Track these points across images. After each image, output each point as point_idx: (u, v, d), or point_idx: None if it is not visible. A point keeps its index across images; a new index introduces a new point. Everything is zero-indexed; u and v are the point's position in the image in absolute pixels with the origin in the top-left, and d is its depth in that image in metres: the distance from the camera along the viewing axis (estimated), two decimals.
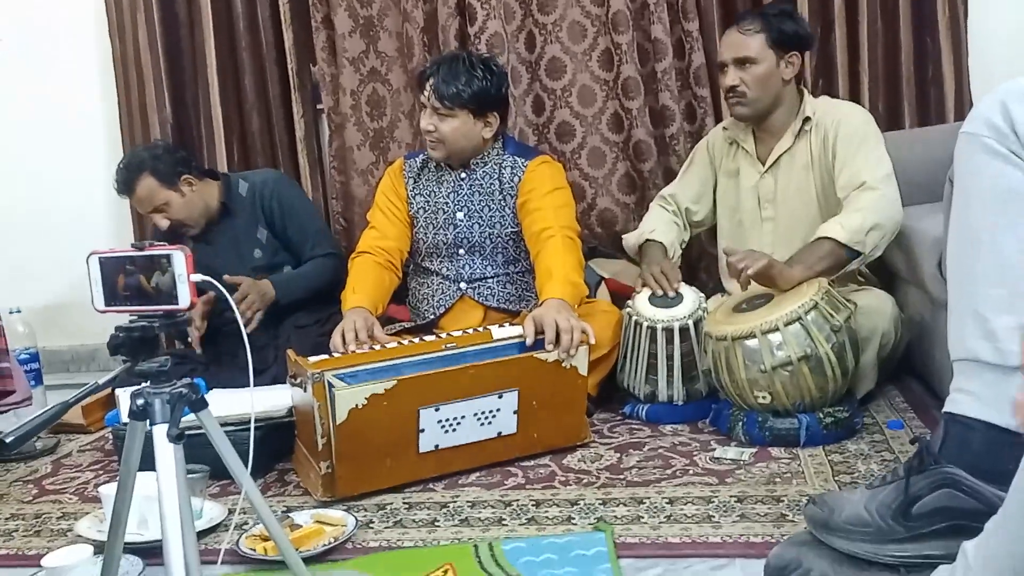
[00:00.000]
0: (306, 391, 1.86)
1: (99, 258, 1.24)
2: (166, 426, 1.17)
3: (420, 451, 1.92)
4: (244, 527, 1.75)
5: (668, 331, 2.18)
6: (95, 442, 2.50)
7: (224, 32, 3.11)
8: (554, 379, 2.00)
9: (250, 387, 1.32)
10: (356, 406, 1.83)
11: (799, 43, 2.31)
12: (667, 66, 2.79)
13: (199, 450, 1.44)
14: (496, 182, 2.39)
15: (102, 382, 1.23)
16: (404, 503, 1.85)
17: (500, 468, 1.99)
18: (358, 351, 2.05)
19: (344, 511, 1.78)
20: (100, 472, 2.24)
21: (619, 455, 2.02)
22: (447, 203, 2.41)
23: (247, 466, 1.28)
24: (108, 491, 1.76)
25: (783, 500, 1.69)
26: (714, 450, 2.00)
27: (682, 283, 2.30)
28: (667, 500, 1.75)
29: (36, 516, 1.97)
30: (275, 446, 2.08)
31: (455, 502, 1.83)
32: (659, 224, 2.47)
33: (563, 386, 2.02)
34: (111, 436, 2.33)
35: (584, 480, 1.89)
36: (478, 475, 1.97)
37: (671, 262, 2.36)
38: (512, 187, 2.38)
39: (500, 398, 1.96)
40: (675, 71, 2.82)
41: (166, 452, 1.16)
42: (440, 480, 1.95)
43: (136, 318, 1.23)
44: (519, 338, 2.05)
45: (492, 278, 2.43)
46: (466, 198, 2.41)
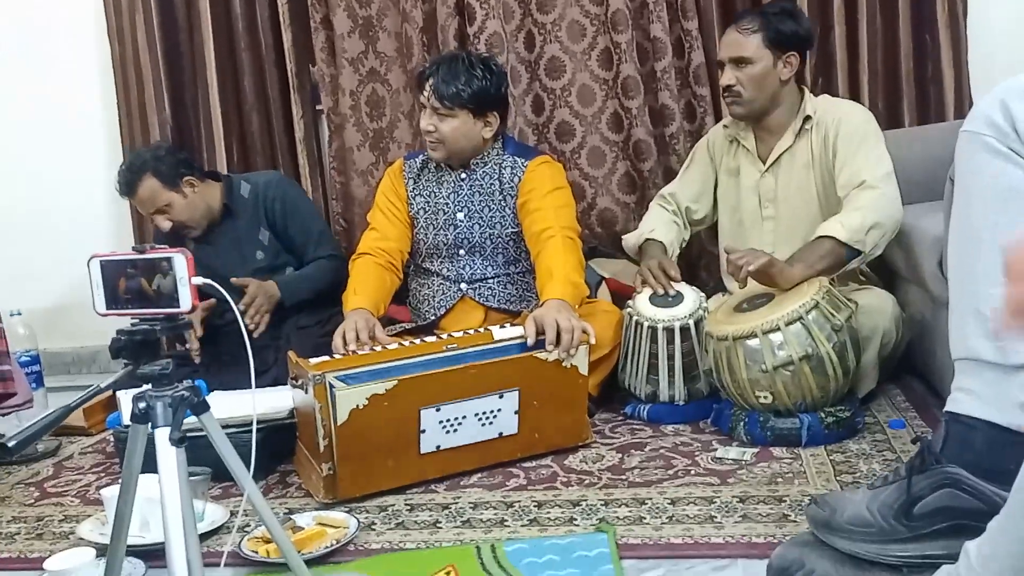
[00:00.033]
0: (307, 393, 1.86)
1: (100, 261, 1.24)
2: (168, 429, 1.17)
3: (421, 452, 1.92)
4: (246, 529, 1.75)
5: (669, 331, 2.18)
6: (96, 444, 2.50)
7: (223, 33, 3.11)
8: (555, 379, 2.00)
9: (252, 389, 1.32)
10: (357, 407, 1.83)
11: (798, 43, 2.30)
12: (666, 65, 2.79)
13: (200, 452, 1.43)
14: (496, 182, 2.39)
15: (104, 385, 1.23)
16: (406, 504, 1.85)
17: (502, 469, 1.99)
18: (359, 352, 2.05)
19: (346, 513, 1.78)
20: (102, 474, 2.24)
21: (621, 455, 2.02)
22: (447, 203, 2.41)
23: (249, 468, 1.28)
24: (110, 493, 1.76)
25: (785, 500, 1.69)
26: (716, 450, 2.00)
27: (683, 283, 2.30)
28: (669, 500, 1.75)
29: (38, 519, 1.97)
30: (276, 448, 2.08)
31: (457, 503, 1.83)
32: (659, 224, 2.47)
33: (564, 386, 2.02)
34: (112, 438, 2.33)
35: (586, 481, 1.89)
36: (480, 476, 1.97)
37: (669, 259, 2.36)
38: (512, 187, 2.38)
39: (501, 398, 1.96)
40: (675, 70, 2.82)
41: (168, 455, 1.16)
42: (442, 481, 1.95)
43: (138, 321, 1.23)
44: (520, 339, 2.05)
45: (493, 278, 2.43)
46: (466, 198, 2.40)
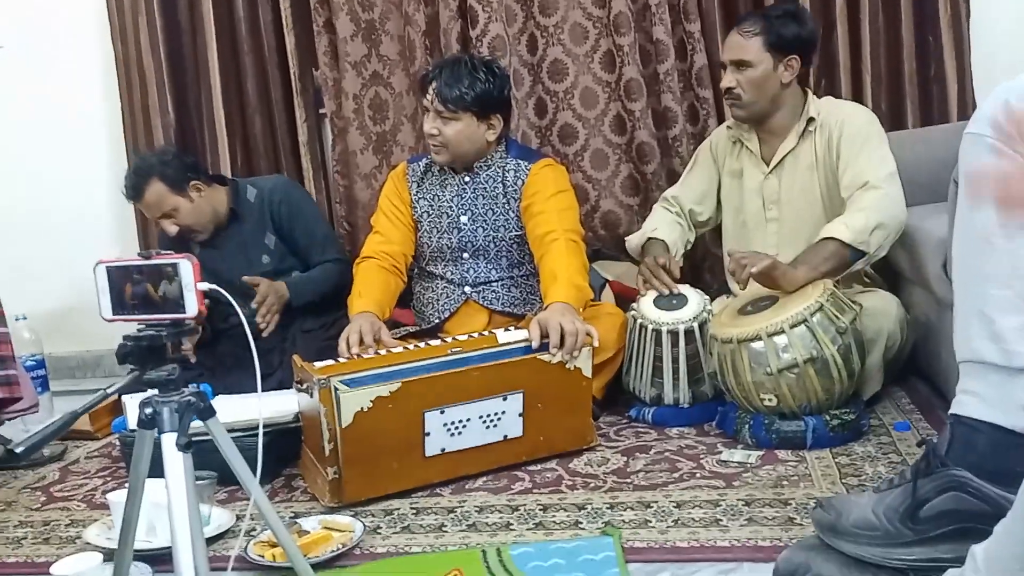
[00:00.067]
0: (312, 397, 1.86)
1: (106, 267, 1.24)
2: (175, 435, 1.17)
3: (426, 455, 1.93)
4: (252, 533, 1.76)
5: (673, 334, 2.18)
6: (102, 448, 2.50)
7: (226, 36, 3.11)
8: (558, 381, 2.01)
9: (258, 393, 1.33)
10: (361, 409, 1.84)
11: (799, 46, 2.28)
12: (669, 67, 2.79)
13: (206, 456, 1.43)
14: (500, 185, 2.39)
15: (111, 390, 1.23)
16: (412, 508, 1.85)
17: (507, 472, 1.99)
18: (364, 356, 2.06)
19: (352, 517, 1.78)
20: (108, 478, 2.24)
21: (626, 458, 2.02)
22: (451, 207, 2.42)
23: (255, 473, 1.28)
24: (116, 498, 1.76)
25: (791, 503, 1.69)
26: (721, 453, 2.00)
27: (687, 285, 2.30)
28: (674, 504, 1.75)
29: (44, 523, 1.97)
30: (282, 451, 2.08)
31: (462, 507, 1.83)
32: (661, 224, 2.47)
33: (568, 388, 2.02)
34: (118, 442, 2.33)
35: (591, 484, 1.89)
36: (485, 480, 1.97)
37: (670, 256, 2.35)
38: (516, 190, 2.38)
39: (505, 400, 1.97)
40: (677, 72, 2.82)
41: (175, 460, 1.17)
42: (447, 485, 1.95)
43: (144, 327, 1.23)
44: (524, 342, 2.05)
45: (496, 282, 2.44)
46: (470, 201, 2.41)
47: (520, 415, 1.99)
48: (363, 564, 1.63)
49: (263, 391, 1.35)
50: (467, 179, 2.42)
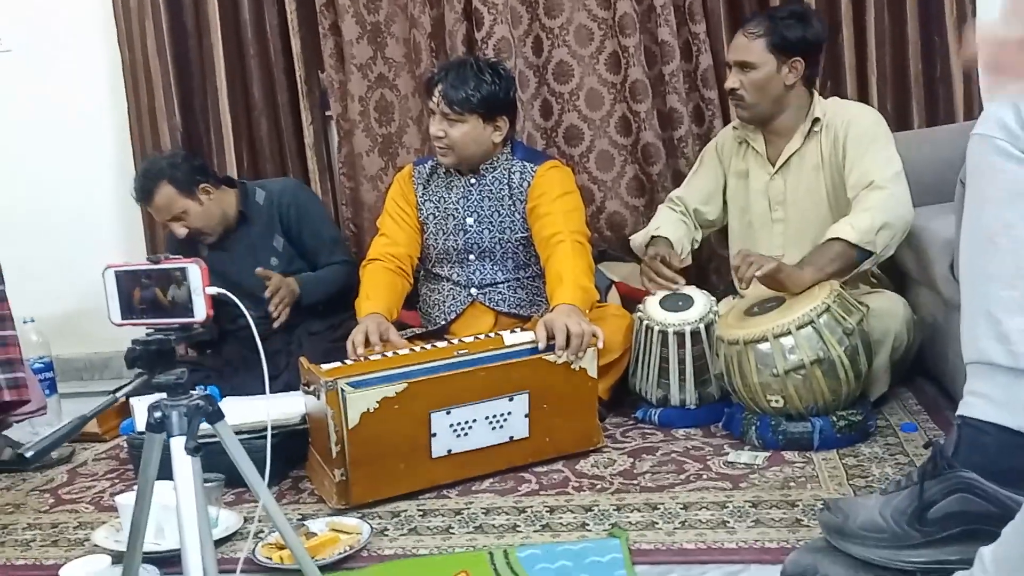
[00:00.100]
0: (320, 399, 1.87)
1: (115, 272, 1.25)
2: (184, 439, 1.18)
3: (433, 456, 1.93)
4: (260, 535, 1.76)
5: (679, 335, 2.18)
6: (110, 450, 2.51)
7: (232, 39, 3.12)
8: (564, 381, 2.01)
9: (266, 395, 1.33)
10: (368, 410, 1.84)
11: (804, 49, 2.27)
12: (674, 68, 2.79)
13: (214, 457, 1.43)
14: (506, 187, 2.40)
15: (120, 394, 1.24)
16: (419, 510, 1.86)
17: (514, 474, 1.99)
18: (371, 358, 2.06)
19: (359, 519, 1.79)
20: (116, 481, 2.25)
21: (632, 460, 2.02)
22: (457, 208, 2.42)
23: (264, 476, 1.28)
24: (124, 500, 1.77)
25: (798, 505, 1.69)
26: (727, 454, 2.00)
27: (693, 286, 2.30)
28: (681, 505, 1.75)
29: (53, 526, 1.98)
30: (289, 453, 2.09)
31: (469, 509, 1.84)
32: (666, 222, 2.47)
33: (574, 388, 2.03)
34: (126, 444, 2.34)
35: (598, 486, 1.90)
36: (492, 481, 1.97)
37: (672, 251, 2.35)
38: (522, 192, 2.38)
39: (511, 401, 1.97)
40: (683, 73, 2.82)
41: (184, 464, 1.17)
42: (454, 487, 1.95)
43: (152, 331, 1.24)
44: (531, 343, 2.06)
45: (503, 283, 2.44)
46: (476, 203, 2.41)
47: (526, 416, 1.99)
48: (371, 566, 1.63)
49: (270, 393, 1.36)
50: (473, 181, 2.42)
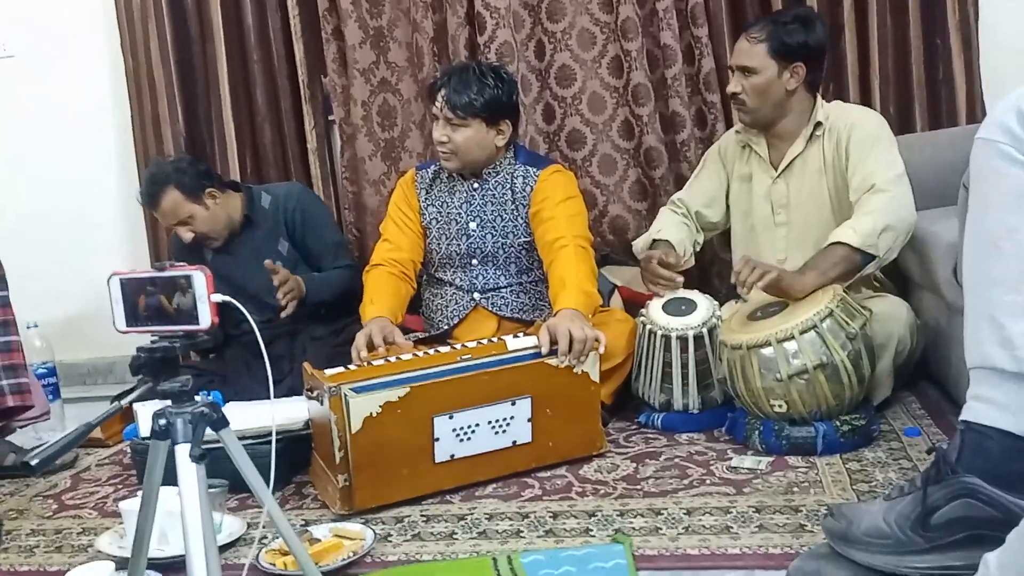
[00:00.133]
0: (323, 404, 1.87)
1: (120, 279, 1.25)
2: (188, 446, 1.18)
3: (436, 461, 1.93)
4: (263, 541, 1.76)
5: (682, 339, 2.18)
6: (113, 456, 2.51)
7: (235, 45, 3.13)
8: (567, 386, 2.01)
9: (270, 400, 1.33)
10: (371, 414, 1.84)
11: (805, 54, 2.27)
12: (677, 72, 2.79)
13: (217, 463, 1.43)
14: (508, 192, 2.40)
15: (124, 402, 1.24)
16: (422, 516, 1.86)
17: (517, 479, 1.99)
18: (375, 363, 2.06)
19: (362, 524, 1.79)
20: (119, 486, 2.25)
21: (635, 465, 2.02)
22: (460, 213, 2.42)
23: (268, 482, 1.29)
24: (128, 506, 1.77)
25: (801, 510, 1.69)
26: (731, 459, 1.99)
27: (695, 291, 2.30)
28: (685, 511, 1.75)
29: (57, 531, 1.98)
30: (293, 459, 2.09)
31: (472, 514, 1.84)
32: (667, 225, 2.47)
33: (575, 393, 2.03)
34: (129, 450, 2.34)
35: (601, 491, 1.89)
36: (495, 487, 1.97)
37: (675, 252, 2.35)
38: (524, 196, 2.38)
39: (513, 405, 1.97)
40: (685, 77, 2.82)
41: (189, 471, 1.17)
42: (457, 492, 1.95)
43: (157, 338, 1.24)
44: (534, 348, 2.06)
45: (505, 288, 2.44)
46: (479, 208, 2.41)
47: (529, 420, 1.99)
48: (374, 572, 1.63)
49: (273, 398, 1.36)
50: (476, 185, 2.42)
